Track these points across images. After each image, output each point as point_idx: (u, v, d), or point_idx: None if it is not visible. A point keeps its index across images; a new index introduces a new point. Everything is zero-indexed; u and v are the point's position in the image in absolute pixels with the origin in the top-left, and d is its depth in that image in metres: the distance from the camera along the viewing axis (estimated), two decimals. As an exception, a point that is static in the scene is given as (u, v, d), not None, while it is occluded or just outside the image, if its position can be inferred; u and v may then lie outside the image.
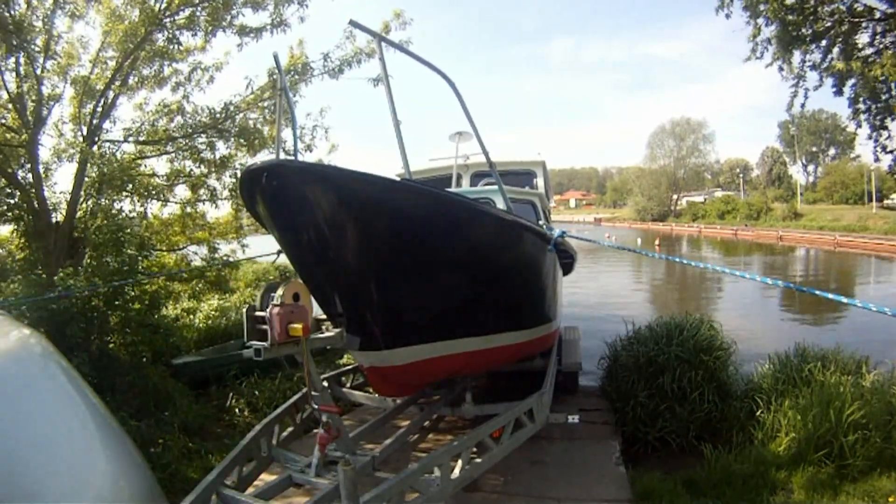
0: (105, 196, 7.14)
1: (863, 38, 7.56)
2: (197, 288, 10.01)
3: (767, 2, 7.09)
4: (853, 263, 28.78)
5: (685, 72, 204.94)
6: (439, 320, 4.01)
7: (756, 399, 5.72)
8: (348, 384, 5.75)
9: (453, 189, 7.13)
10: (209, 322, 9.35)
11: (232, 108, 8.09)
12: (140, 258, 6.38)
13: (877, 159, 8.74)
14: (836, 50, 7.52)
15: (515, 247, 4.45)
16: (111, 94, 7.55)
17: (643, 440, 5.72)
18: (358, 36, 7.85)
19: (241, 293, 12.05)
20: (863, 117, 8.06)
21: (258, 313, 3.40)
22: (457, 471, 3.58)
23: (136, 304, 6.36)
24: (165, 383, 6.06)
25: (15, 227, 6.89)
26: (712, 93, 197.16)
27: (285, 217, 3.30)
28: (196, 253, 9.18)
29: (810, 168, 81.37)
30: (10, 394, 2.91)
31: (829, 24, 7.42)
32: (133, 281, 6.00)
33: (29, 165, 6.96)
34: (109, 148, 7.53)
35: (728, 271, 3.88)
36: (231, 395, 6.46)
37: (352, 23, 3.67)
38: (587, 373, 7.58)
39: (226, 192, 8.59)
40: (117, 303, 5.95)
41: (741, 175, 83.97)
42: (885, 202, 54.32)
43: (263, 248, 7.27)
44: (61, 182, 8.13)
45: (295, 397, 4.72)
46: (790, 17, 7.21)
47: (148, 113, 8.22)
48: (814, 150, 78.60)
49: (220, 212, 9.30)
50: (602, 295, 18.06)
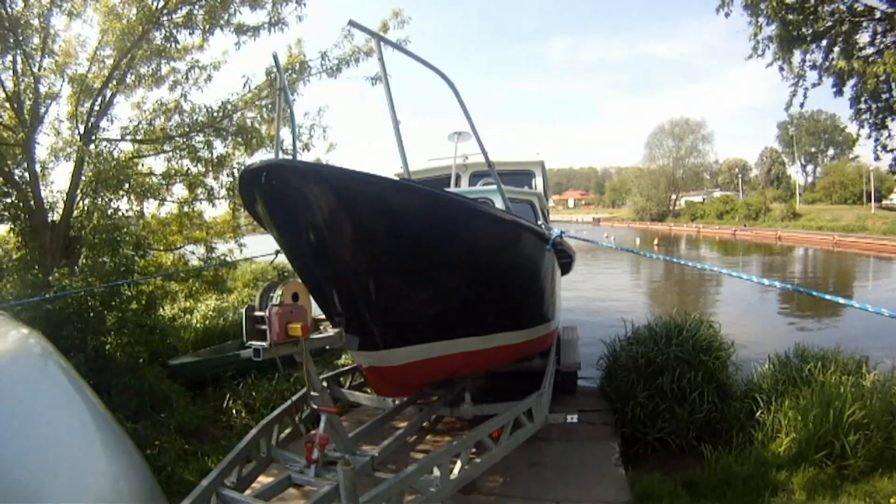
0: (102, 195, 7.10)
1: (863, 38, 7.59)
2: (194, 288, 9.98)
3: (767, 0, 7.08)
4: (851, 263, 28.84)
5: (685, 72, 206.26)
6: (438, 320, 4.00)
7: (756, 399, 5.69)
8: (347, 384, 5.72)
9: (452, 189, 7.12)
10: (206, 322, 9.30)
11: (230, 107, 8.06)
12: (137, 258, 6.33)
13: (877, 158, 8.75)
14: (836, 49, 7.52)
15: (514, 247, 4.44)
16: (108, 93, 7.51)
17: (643, 441, 5.69)
18: (356, 35, 7.84)
19: (239, 293, 12.01)
20: (864, 117, 8.07)
21: (257, 313, 3.38)
22: (456, 471, 3.57)
23: (133, 305, 6.31)
24: (162, 384, 6.01)
25: (11, 226, 6.84)
26: (712, 93, 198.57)
27: (284, 217, 3.30)
28: (193, 252, 9.15)
29: (809, 168, 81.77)
30: (10, 394, 2.89)
31: (830, 24, 7.42)
32: (130, 281, 5.96)
33: (25, 164, 6.91)
34: (106, 147, 7.49)
35: (726, 272, 3.85)
36: (228, 396, 6.41)
37: (351, 23, 3.66)
38: (586, 377, 7.55)
39: (223, 192, 8.56)
40: (114, 303, 5.90)
41: (740, 175, 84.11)
42: (884, 202, 54.55)
43: (261, 248, 7.25)
44: (58, 181, 8.07)
45: (294, 397, 4.71)
46: (790, 17, 7.21)
47: (145, 112, 8.18)
48: (812, 150, 78.83)
49: (217, 211, 9.29)
50: (601, 295, 18.03)
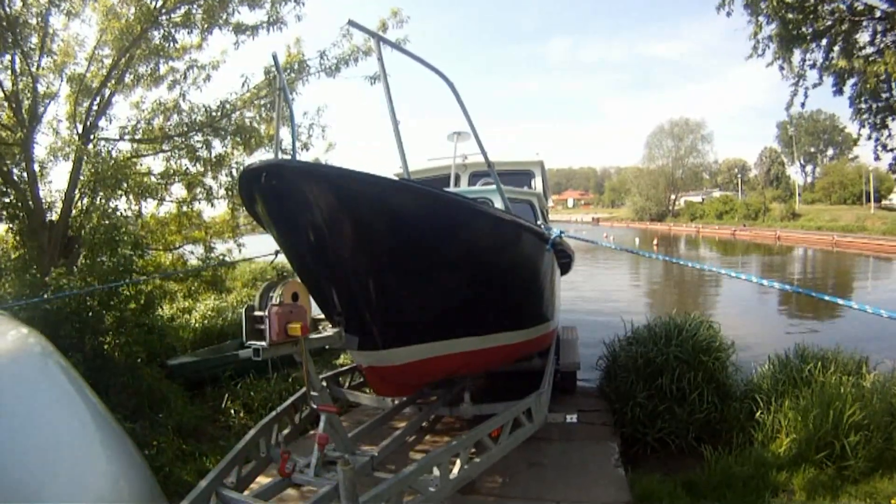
0: (100, 195, 7.09)
1: (863, 38, 7.58)
2: (192, 288, 9.96)
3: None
4: (850, 263, 28.86)
5: (685, 72, 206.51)
6: (438, 320, 4.00)
7: (756, 400, 5.67)
8: (346, 384, 5.71)
9: (451, 189, 7.10)
10: (205, 322, 9.27)
11: (228, 107, 8.05)
12: (135, 257, 6.32)
13: (877, 158, 8.72)
14: (836, 48, 7.51)
15: (513, 246, 4.43)
16: (107, 92, 7.50)
17: (642, 441, 5.67)
18: (355, 34, 7.83)
19: (238, 293, 12.00)
20: (864, 116, 8.06)
21: (257, 313, 3.37)
22: (455, 471, 3.56)
23: (132, 304, 6.29)
24: (160, 384, 5.98)
25: (9, 225, 6.83)
26: (712, 93, 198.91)
27: (284, 217, 3.29)
28: (192, 252, 9.13)
29: (808, 168, 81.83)
30: (10, 393, 2.88)
31: (830, 23, 7.41)
32: (128, 282, 5.95)
33: (24, 164, 6.90)
34: (105, 146, 7.47)
35: (725, 272, 3.85)
36: (226, 396, 6.40)
37: (350, 23, 3.66)
38: (586, 377, 7.53)
39: (222, 191, 8.56)
40: (112, 303, 5.89)
41: (739, 175, 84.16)
42: (883, 203, 54.63)
43: (260, 248, 7.23)
44: (56, 180, 8.06)
45: (293, 397, 4.71)
46: (790, 16, 7.20)
47: (144, 111, 8.17)
48: (812, 150, 78.92)
49: (216, 211, 9.28)
50: (601, 296, 18.03)
